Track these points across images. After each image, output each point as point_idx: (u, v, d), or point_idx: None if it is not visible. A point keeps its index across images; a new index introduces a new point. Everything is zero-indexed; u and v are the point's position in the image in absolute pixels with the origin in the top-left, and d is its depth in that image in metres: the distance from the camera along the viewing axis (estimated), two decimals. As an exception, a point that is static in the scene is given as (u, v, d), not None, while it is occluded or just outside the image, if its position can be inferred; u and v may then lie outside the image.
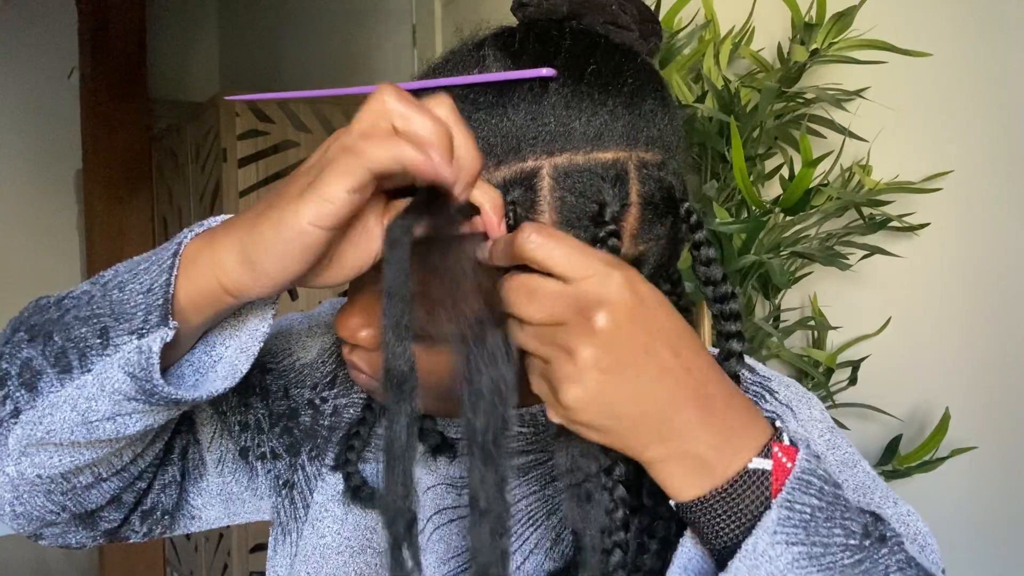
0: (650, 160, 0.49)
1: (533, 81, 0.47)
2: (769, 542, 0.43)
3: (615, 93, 0.48)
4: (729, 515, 0.44)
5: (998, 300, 1.11)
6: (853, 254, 1.21)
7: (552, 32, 0.51)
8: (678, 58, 1.24)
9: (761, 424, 0.45)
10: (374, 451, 0.64)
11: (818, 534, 0.44)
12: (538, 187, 0.47)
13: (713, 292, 0.51)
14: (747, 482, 0.44)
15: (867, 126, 1.21)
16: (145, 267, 0.47)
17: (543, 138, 0.47)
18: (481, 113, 0.47)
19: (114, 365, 0.46)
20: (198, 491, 0.65)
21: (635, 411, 0.42)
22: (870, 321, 1.23)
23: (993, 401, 1.12)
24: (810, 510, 0.44)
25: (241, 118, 2.35)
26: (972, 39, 1.12)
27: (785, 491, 0.44)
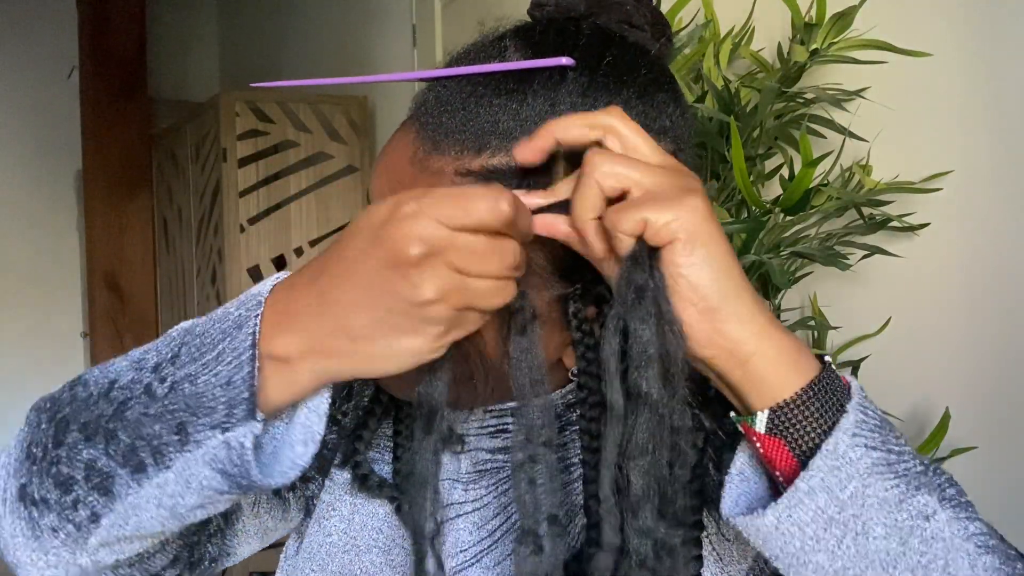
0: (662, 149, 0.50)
1: (552, 70, 0.49)
2: (849, 444, 0.43)
3: (629, 84, 0.50)
4: (822, 412, 0.44)
5: (998, 300, 1.11)
6: (853, 254, 1.21)
7: (570, 28, 0.53)
8: (678, 58, 1.24)
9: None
10: (382, 450, 0.64)
11: (890, 442, 0.45)
12: (554, 171, 0.48)
13: None
14: (830, 376, 0.45)
15: (867, 126, 1.20)
16: (214, 356, 0.45)
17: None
18: (502, 99, 0.49)
19: (198, 461, 0.44)
20: (234, 533, 0.64)
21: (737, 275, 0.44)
22: (870, 321, 1.23)
23: (993, 401, 1.12)
24: (879, 419, 0.45)
25: (241, 118, 2.35)
26: (972, 39, 1.12)
27: (855, 397, 0.45)
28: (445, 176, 0.50)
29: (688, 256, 0.43)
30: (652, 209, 0.43)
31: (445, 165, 0.50)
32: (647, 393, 0.44)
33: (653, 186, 0.44)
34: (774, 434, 0.45)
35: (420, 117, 0.53)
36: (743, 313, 0.44)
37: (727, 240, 0.45)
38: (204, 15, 3.96)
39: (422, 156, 0.51)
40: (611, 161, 0.44)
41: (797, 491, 0.44)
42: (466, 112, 0.50)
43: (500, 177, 0.49)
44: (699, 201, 0.43)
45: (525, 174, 0.48)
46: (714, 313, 0.43)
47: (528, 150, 0.46)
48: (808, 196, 1.09)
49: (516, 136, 0.49)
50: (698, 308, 0.43)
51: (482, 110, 0.50)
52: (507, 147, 0.49)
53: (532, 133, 0.47)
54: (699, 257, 0.43)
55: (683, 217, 0.43)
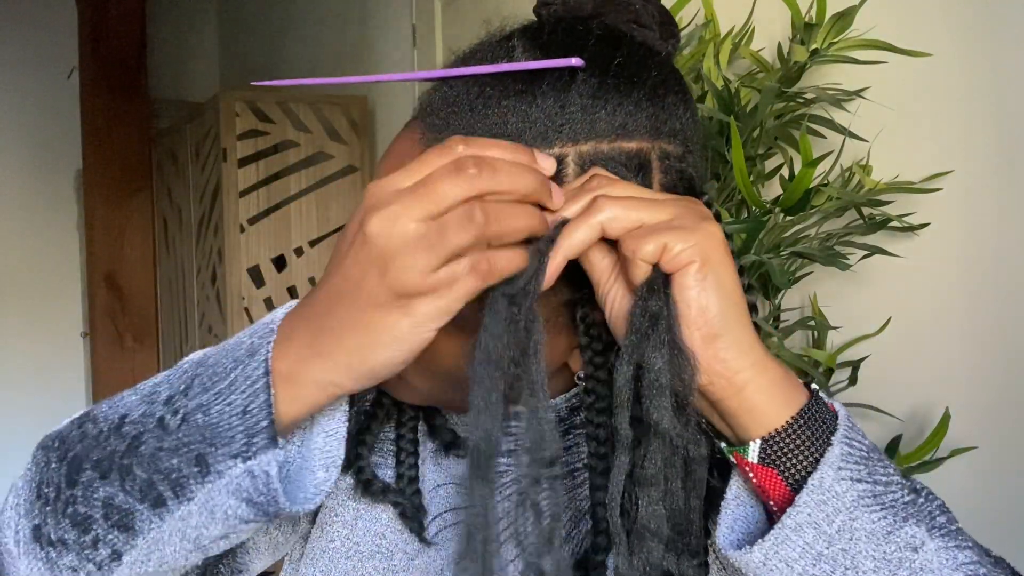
0: (672, 152, 0.50)
1: (561, 71, 0.49)
2: (835, 477, 0.44)
3: (639, 85, 0.50)
4: (811, 441, 0.44)
5: (998, 300, 1.11)
6: (853, 254, 1.21)
7: (578, 28, 0.52)
8: (678, 58, 1.24)
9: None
10: (384, 454, 0.64)
11: (876, 473, 0.45)
12: (564, 174, 0.48)
13: None
14: (818, 406, 0.46)
15: (867, 126, 1.20)
16: (227, 384, 0.45)
17: (569, 126, 0.48)
18: (511, 100, 0.49)
19: (222, 491, 0.44)
20: (245, 551, 0.64)
21: (741, 304, 0.44)
22: (870, 321, 1.23)
23: (993, 401, 1.12)
24: (865, 449, 0.45)
25: (241, 118, 2.35)
26: (972, 39, 1.12)
27: (842, 428, 0.45)
28: None
29: (701, 280, 0.43)
30: (671, 235, 0.43)
31: None
32: (658, 423, 0.44)
33: (667, 218, 0.44)
34: (767, 464, 0.45)
35: (426, 118, 0.52)
36: (743, 342, 0.44)
37: (736, 268, 0.45)
38: (204, 15, 3.96)
39: None
40: (617, 203, 0.44)
41: (784, 528, 0.44)
42: (474, 113, 0.49)
43: None
44: (715, 228, 0.44)
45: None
46: (716, 340, 0.44)
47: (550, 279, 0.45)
48: (808, 196, 1.09)
49: (525, 138, 0.48)
50: (702, 333, 0.43)
51: (490, 111, 0.49)
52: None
53: (541, 134, 0.48)
54: (711, 282, 0.43)
55: (701, 242, 0.43)
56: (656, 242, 0.43)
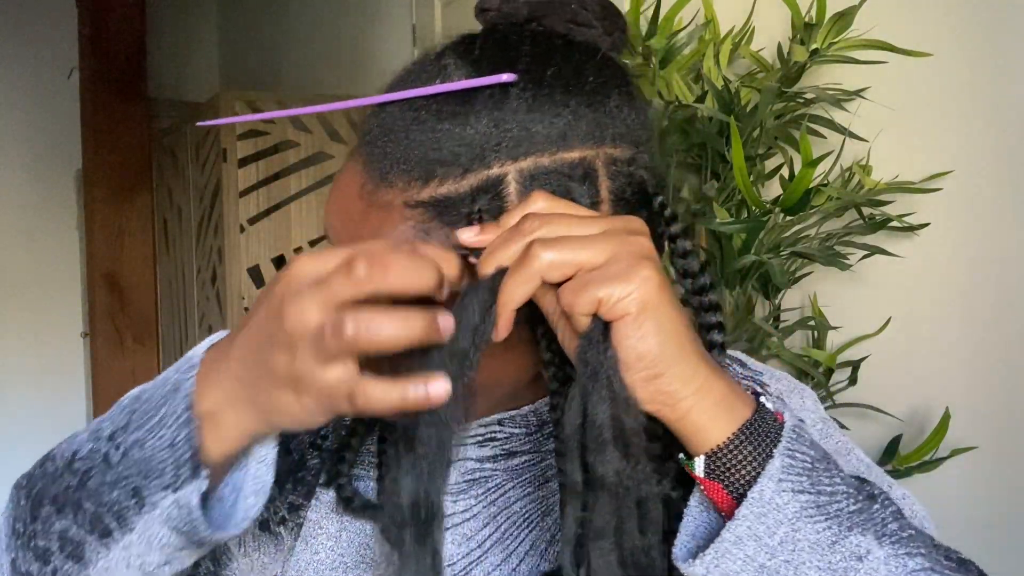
0: (619, 156, 0.49)
1: (494, 88, 0.47)
2: (775, 489, 0.44)
3: (577, 92, 0.48)
4: (755, 454, 0.45)
5: (998, 300, 1.11)
6: (853, 254, 1.21)
7: (512, 37, 0.50)
8: (678, 58, 1.24)
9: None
10: (367, 467, 0.64)
11: (821, 483, 0.45)
12: (504, 193, 0.47)
13: (692, 284, 0.51)
14: (765, 418, 0.46)
15: (867, 126, 1.20)
16: (157, 420, 0.47)
17: (507, 144, 0.47)
18: (444, 123, 0.47)
19: (155, 522, 0.46)
20: (231, 573, 0.65)
21: (682, 338, 0.44)
22: (870, 321, 1.23)
23: (993, 401, 1.12)
24: (810, 460, 0.45)
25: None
26: (972, 39, 1.12)
27: (785, 440, 0.45)
28: (394, 209, 0.48)
29: (637, 329, 0.43)
30: (606, 285, 0.42)
31: (393, 198, 0.48)
32: (603, 476, 0.44)
33: (603, 259, 0.43)
34: (712, 478, 0.45)
35: (366, 147, 0.51)
36: (685, 374, 0.44)
37: (675, 301, 0.44)
38: (204, 15, 3.96)
39: (370, 189, 0.49)
40: (553, 248, 0.43)
41: (723, 541, 0.44)
42: (409, 140, 0.48)
43: (450, 206, 0.47)
44: (650, 270, 0.43)
45: (475, 199, 0.47)
46: (658, 378, 0.44)
47: (501, 333, 0.44)
48: (808, 196, 1.09)
49: (462, 160, 0.47)
50: (642, 376, 0.43)
51: (425, 136, 0.48)
52: (454, 173, 0.47)
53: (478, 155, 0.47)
54: (647, 329, 0.43)
55: (635, 292, 0.42)
56: (590, 297, 0.42)
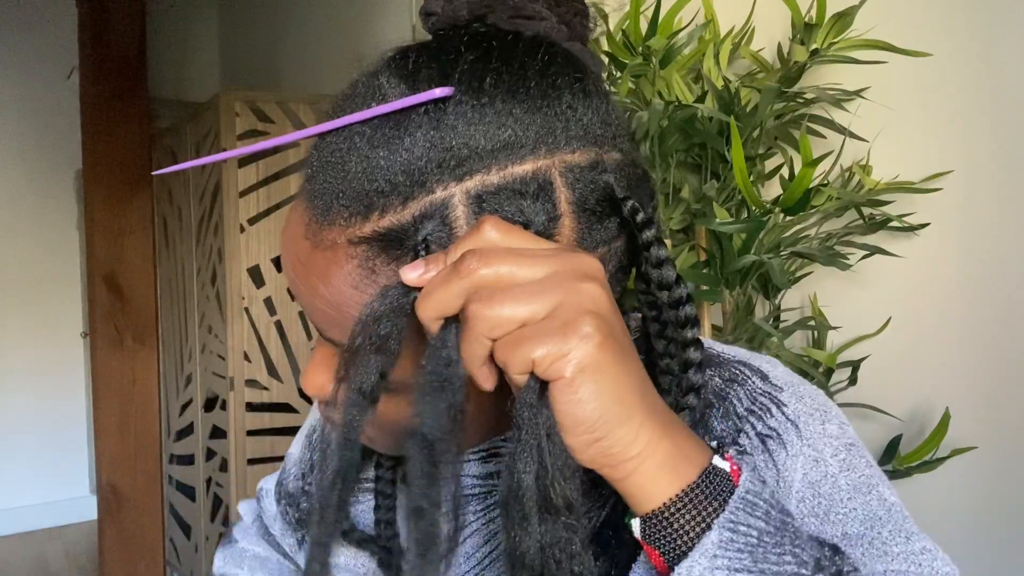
0: (577, 162, 0.45)
1: (429, 104, 0.43)
2: (708, 566, 0.40)
3: (521, 98, 0.44)
4: (696, 520, 0.41)
5: (998, 300, 1.11)
6: (853, 254, 1.21)
7: (450, 44, 0.46)
8: (678, 58, 1.24)
9: (698, 438, 0.44)
10: (361, 492, 0.65)
11: (767, 561, 0.41)
12: (452, 218, 0.43)
13: (668, 297, 0.48)
14: (713, 481, 0.42)
15: (867, 126, 1.21)
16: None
17: (448, 164, 0.43)
18: (379, 150, 0.43)
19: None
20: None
21: (625, 399, 0.40)
22: (870, 321, 1.23)
23: (993, 401, 1.12)
24: (757, 533, 0.41)
25: (241, 118, 2.35)
26: (972, 39, 1.12)
27: (728, 511, 0.41)
28: (339, 248, 0.45)
29: (573, 394, 0.39)
30: (539, 344, 0.38)
31: (337, 236, 0.45)
32: (525, 552, 0.40)
33: (544, 313, 0.39)
34: (648, 542, 0.42)
35: (308, 183, 0.47)
36: (627, 437, 0.40)
37: (622, 356, 0.40)
38: (204, 15, 3.96)
39: (315, 228, 0.46)
40: (495, 304, 0.39)
41: None
42: (346, 172, 0.44)
43: (395, 239, 0.43)
44: (592, 327, 0.39)
45: (419, 228, 0.43)
46: (599, 441, 0.40)
47: (486, 385, 0.41)
48: (808, 196, 1.09)
49: (401, 189, 0.43)
50: (581, 440, 0.40)
51: (361, 167, 0.44)
52: (395, 203, 0.43)
53: (418, 181, 0.43)
54: (584, 392, 0.39)
55: (572, 352, 0.38)
56: (523, 357, 0.39)
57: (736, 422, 0.54)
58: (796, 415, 0.55)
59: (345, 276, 0.45)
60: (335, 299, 0.45)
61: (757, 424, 0.54)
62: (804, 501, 0.50)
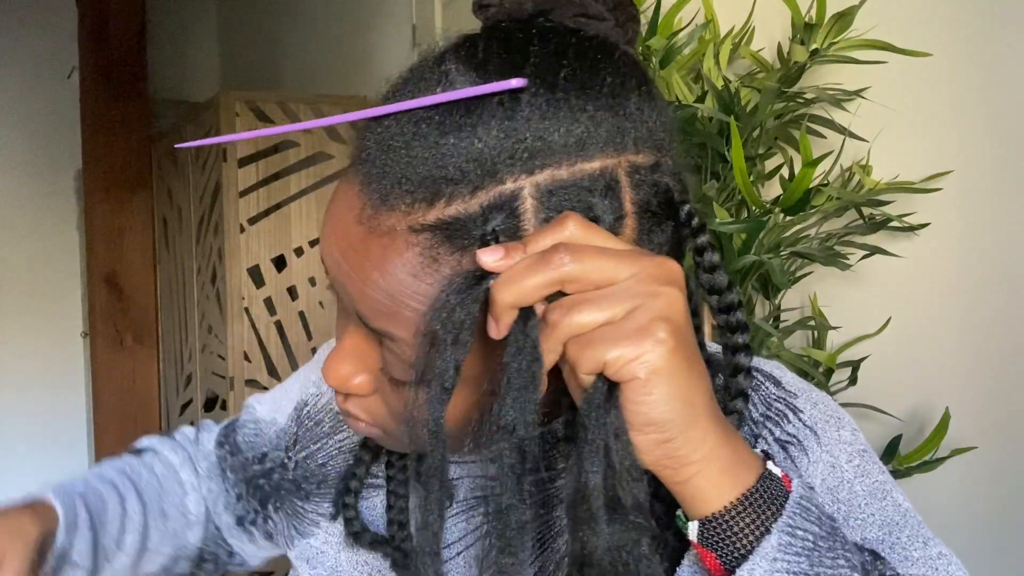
0: (642, 163, 0.45)
1: (503, 95, 0.43)
2: (768, 569, 0.41)
3: (595, 96, 0.44)
4: (754, 525, 0.42)
5: (998, 300, 1.11)
6: (853, 254, 1.21)
7: (518, 35, 0.46)
8: (678, 58, 1.24)
9: (749, 445, 0.44)
10: (369, 488, 0.64)
11: (822, 564, 0.42)
12: (520, 211, 0.42)
13: (718, 302, 0.48)
14: (770, 487, 0.43)
15: (867, 126, 1.20)
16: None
17: (520, 156, 0.42)
18: (449, 137, 0.43)
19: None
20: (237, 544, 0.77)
21: (694, 403, 0.41)
22: (870, 321, 1.23)
23: (993, 401, 1.12)
24: (812, 538, 0.42)
25: (241, 118, 2.35)
26: (972, 39, 1.12)
27: (786, 515, 0.42)
28: (398, 235, 0.44)
29: (646, 395, 0.39)
30: (613, 347, 0.39)
31: (397, 222, 0.44)
32: (593, 552, 0.41)
33: (622, 316, 0.40)
34: (705, 545, 0.43)
35: (362, 167, 0.46)
36: (695, 438, 0.41)
37: (691, 362, 0.41)
38: (204, 15, 3.96)
39: (370, 213, 0.45)
40: (576, 311, 0.40)
41: None
42: (411, 157, 0.43)
43: (460, 228, 0.43)
44: (666, 333, 0.39)
45: (488, 219, 0.43)
46: (667, 443, 0.41)
47: (497, 332, 0.42)
48: (808, 196, 1.09)
49: (471, 178, 0.42)
50: (649, 439, 0.40)
51: (429, 152, 0.43)
52: (463, 192, 0.43)
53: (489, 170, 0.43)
54: (658, 395, 0.39)
55: (645, 355, 0.39)
56: (597, 358, 0.39)
57: (752, 427, 0.54)
58: (813, 421, 0.56)
59: (404, 264, 0.44)
60: (390, 287, 0.44)
61: (775, 430, 0.54)
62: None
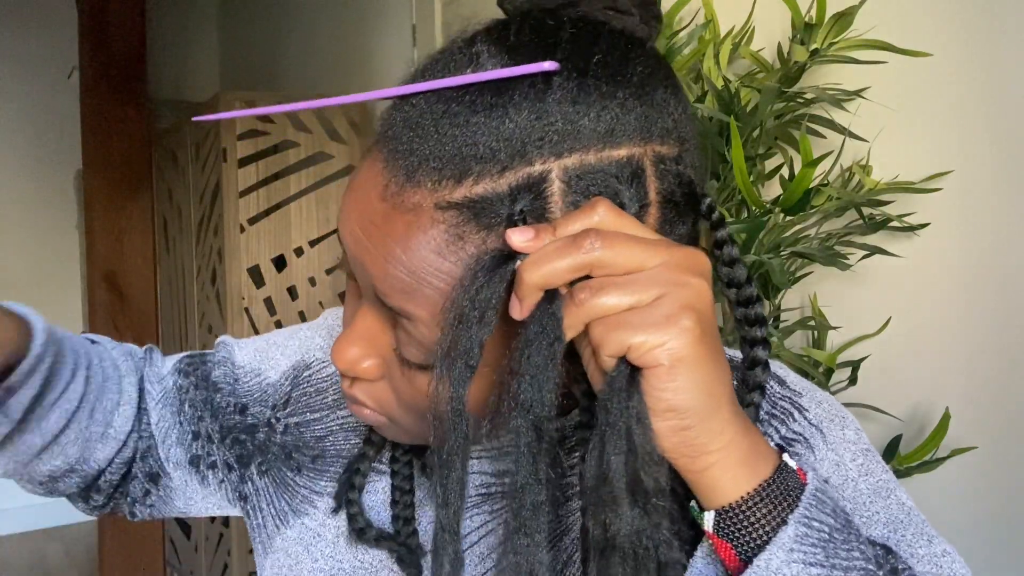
0: (667, 154, 0.45)
1: (534, 77, 0.43)
2: (785, 559, 0.41)
3: (624, 84, 0.44)
4: (770, 516, 0.42)
5: (998, 300, 1.11)
6: (853, 254, 1.21)
7: (549, 22, 0.46)
8: (678, 58, 1.24)
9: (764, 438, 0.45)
10: (371, 479, 0.63)
11: (837, 556, 0.42)
12: (548, 193, 0.43)
13: (737, 295, 0.48)
14: (786, 478, 0.43)
15: (867, 126, 1.21)
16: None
17: (550, 139, 0.43)
18: (479, 116, 0.43)
19: None
20: (167, 487, 0.68)
21: (716, 393, 0.41)
22: (870, 321, 1.23)
23: (993, 401, 1.12)
24: (828, 529, 0.42)
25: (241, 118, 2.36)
26: (972, 39, 1.12)
27: (802, 506, 0.42)
28: (424, 212, 0.44)
29: (670, 382, 0.40)
30: (639, 331, 0.40)
31: (422, 199, 0.44)
32: (615, 534, 0.41)
33: (649, 301, 0.40)
34: (721, 536, 0.43)
35: (388, 143, 0.46)
36: (715, 428, 0.41)
37: (715, 353, 0.41)
38: (204, 15, 3.96)
39: (395, 190, 0.45)
40: (604, 292, 0.40)
41: None
42: (440, 135, 0.44)
43: (487, 207, 0.43)
44: (692, 321, 0.40)
45: (516, 200, 0.43)
46: (686, 430, 0.41)
47: (520, 312, 0.42)
48: (808, 196, 1.09)
49: (500, 158, 0.43)
50: (670, 425, 0.41)
51: (458, 131, 0.43)
52: (492, 171, 0.43)
53: (519, 151, 0.43)
54: (681, 382, 0.40)
55: (670, 342, 0.40)
56: (621, 341, 0.40)
57: (758, 425, 0.54)
58: (819, 420, 0.56)
59: (428, 241, 0.44)
60: (413, 264, 0.44)
61: (781, 428, 0.55)
62: None
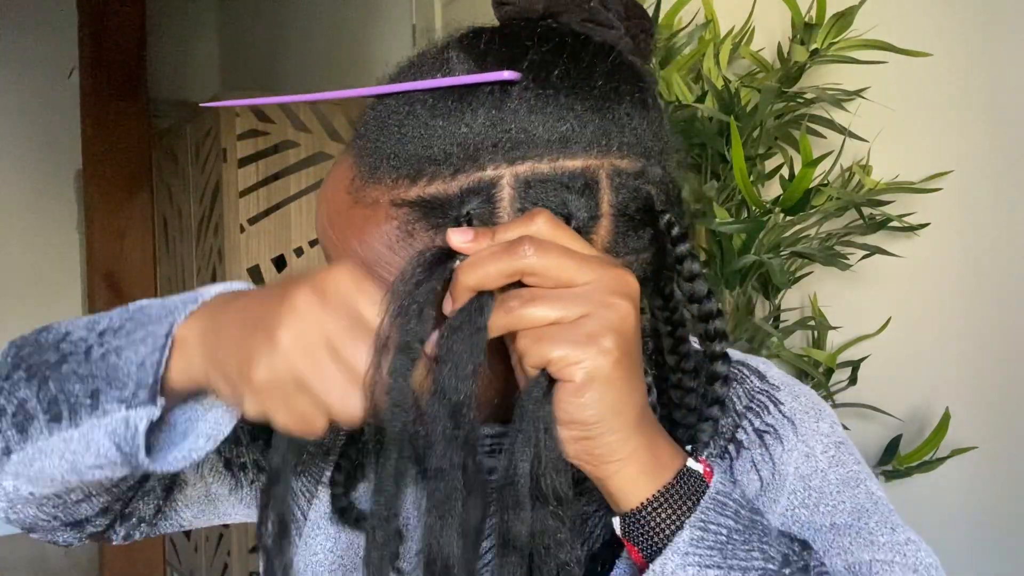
0: (625, 168, 0.46)
1: (495, 85, 0.44)
2: (680, 563, 0.42)
3: (584, 96, 0.45)
4: (668, 521, 0.43)
5: (998, 300, 1.11)
6: (853, 254, 1.21)
7: (523, 33, 0.47)
8: (678, 58, 1.24)
9: (677, 445, 0.46)
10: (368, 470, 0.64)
11: (736, 557, 0.43)
12: (497, 198, 0.44)
13: (698, 310, 0.49)
14: (687, 482, 0.44)
15: (867, 126, 1.20)
16: (142, 336, 0.47)
17: (504, 145, 0.44)
18: (439, 120, 0.45)
19: (101, 429, 0.46)
20: (174, 499, 0.66)
21: (622, 413, 0.42)
22: (870, 321, 1.23)
23: (993, 401, 1.12)
24: (727, 531, 0.43)
25: (241, 118, 2.35)
26: (972, 39, 1.12)
27: (699, 510, 0.43)
28: (380, 207, 0.46)
29: (578, 397, 0.41)
30: (560, 346, 0.41)
31: (380, 195, 0.46)
32: (516, 536, 0.42)
33: (574, 318, 0.41)
34: (628, 539, 0.44)
35: (360, 140, 0.49)
36: (614, 443, 0.42)
37: (631, 375, 0.42)
38: (204, 15, 3.96)
39: (359, 184, 0.47)
40: (531, 303, 0.41)
41: None
42: (402, 135, 0.46)
43: (438, 207, 0.45)
44: (612, 343, 0.41)
45: (465, 202, 0.44)
46: (589, 440, 0.42)
47: (452, 311, 0.43)
48: (808, 196, 1.09)
49: (454, 161, 0.44)
50: (573, 435, 0.42)
51: (418, 132, 0.45)
52: (445, 173, 0.44)
53: (471, 156, 0.44)
54: (588, 399, 0.41)
55: (587, 361, 0.41)
56: (542, 354, 0.41)
57: (735, 418, 0.57)
58: (792, 412, 0.57)
59: (382, 235, 0.46)
60: (367, 256, 0.46)
61: (755, 420, 0.57)
62: (795, 493, 0.54)
